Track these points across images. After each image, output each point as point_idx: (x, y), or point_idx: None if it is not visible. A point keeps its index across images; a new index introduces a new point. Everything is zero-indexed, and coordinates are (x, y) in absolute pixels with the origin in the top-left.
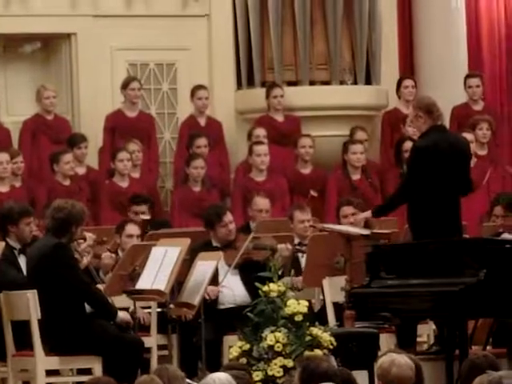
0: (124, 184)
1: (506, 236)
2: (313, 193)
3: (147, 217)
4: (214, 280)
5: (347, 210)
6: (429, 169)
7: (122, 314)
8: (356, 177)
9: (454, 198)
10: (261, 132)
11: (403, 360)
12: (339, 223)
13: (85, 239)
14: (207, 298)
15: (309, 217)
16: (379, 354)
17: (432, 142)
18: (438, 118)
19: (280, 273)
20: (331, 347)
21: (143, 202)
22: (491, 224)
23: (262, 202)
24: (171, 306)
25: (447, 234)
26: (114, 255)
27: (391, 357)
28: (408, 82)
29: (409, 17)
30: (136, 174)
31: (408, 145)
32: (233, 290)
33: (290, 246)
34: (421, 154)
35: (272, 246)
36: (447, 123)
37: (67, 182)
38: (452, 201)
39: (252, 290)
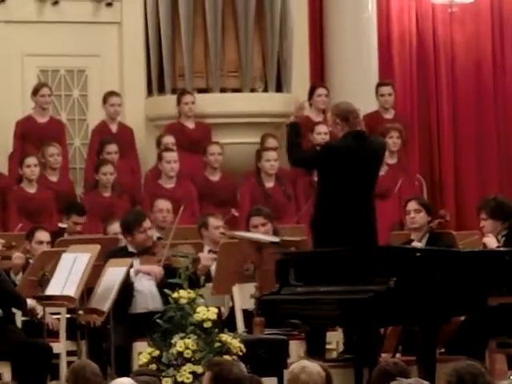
0: (32, 190)
1: (416, 244)
2: (234, 212)
3: (64, 225)
4: (127, 286)
5: (256, 220)
6: (334, 169)
7: (28, 301)
8: (269, 184)
9: (359, 202)
10: (169, 140)
11: (315, 369)
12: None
13: None
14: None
15: (222, 223)
16: (289, 360)
17: (342, 144)
18: (356, 124)
19: (202, 282)
20: (240, 354)
21: None
22: (402, 232)
23: (162, 203)
24: (80, 312)
25: (347, 238)
26: (24, 255)
27: (302, 363)
28: (321, 91)
29: (320, 25)
30: (54, 178)
31: None
32: (146, 296)
33: (213, 255)
34: (327, 153)
35: (193, 254)
36: None
37: None
38: (357, 204)
39: (166, 297)
